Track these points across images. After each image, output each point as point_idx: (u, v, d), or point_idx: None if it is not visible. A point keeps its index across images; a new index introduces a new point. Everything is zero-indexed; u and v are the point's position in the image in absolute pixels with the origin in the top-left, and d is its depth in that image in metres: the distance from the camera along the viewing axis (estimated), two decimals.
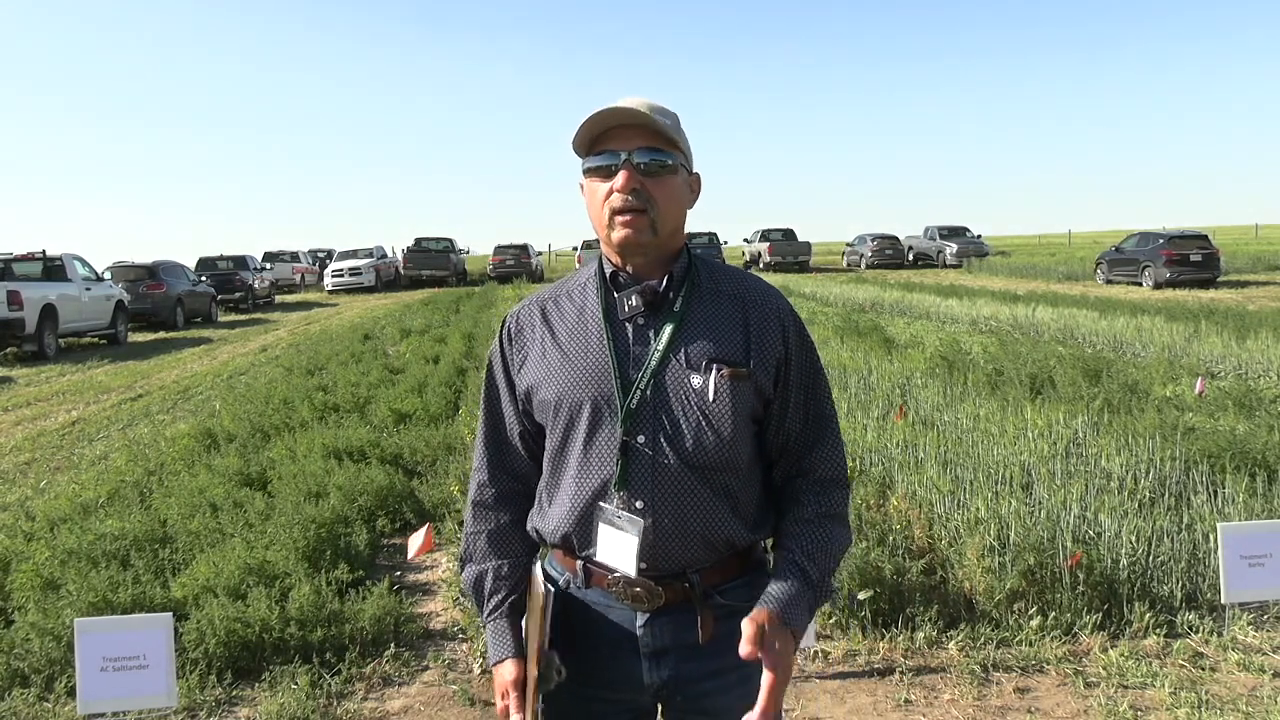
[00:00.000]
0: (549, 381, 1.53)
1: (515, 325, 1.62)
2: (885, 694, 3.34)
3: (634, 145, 1.47)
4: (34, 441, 8.20)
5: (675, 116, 1.53)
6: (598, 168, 1.49)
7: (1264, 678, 3.37)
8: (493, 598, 1.59)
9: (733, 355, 1.49)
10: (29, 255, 16.16)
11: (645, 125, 1.47)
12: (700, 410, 1.47)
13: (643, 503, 1.46)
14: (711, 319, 1.52)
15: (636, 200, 1.46)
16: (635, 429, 1.47)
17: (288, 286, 34.30)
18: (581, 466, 1.50)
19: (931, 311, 17.20)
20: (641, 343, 1.50)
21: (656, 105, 1.51)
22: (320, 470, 5.75)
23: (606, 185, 1.48)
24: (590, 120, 1.47)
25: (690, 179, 1.56)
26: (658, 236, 1.49)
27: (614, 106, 1.47)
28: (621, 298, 1.52)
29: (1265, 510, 4.52)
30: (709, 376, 1.47)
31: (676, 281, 1.53)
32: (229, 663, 3.55)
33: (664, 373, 1.48)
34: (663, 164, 1.48)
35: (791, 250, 35.42)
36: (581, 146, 1.51)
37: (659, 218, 1.48)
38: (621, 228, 1.47)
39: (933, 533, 4.35)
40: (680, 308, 1.51)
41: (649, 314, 1.51)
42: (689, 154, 1.55)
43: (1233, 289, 22.01)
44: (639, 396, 1.47)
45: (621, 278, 1.53)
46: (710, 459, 1.47)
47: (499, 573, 1.60)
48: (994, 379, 8.35)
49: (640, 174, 1.46)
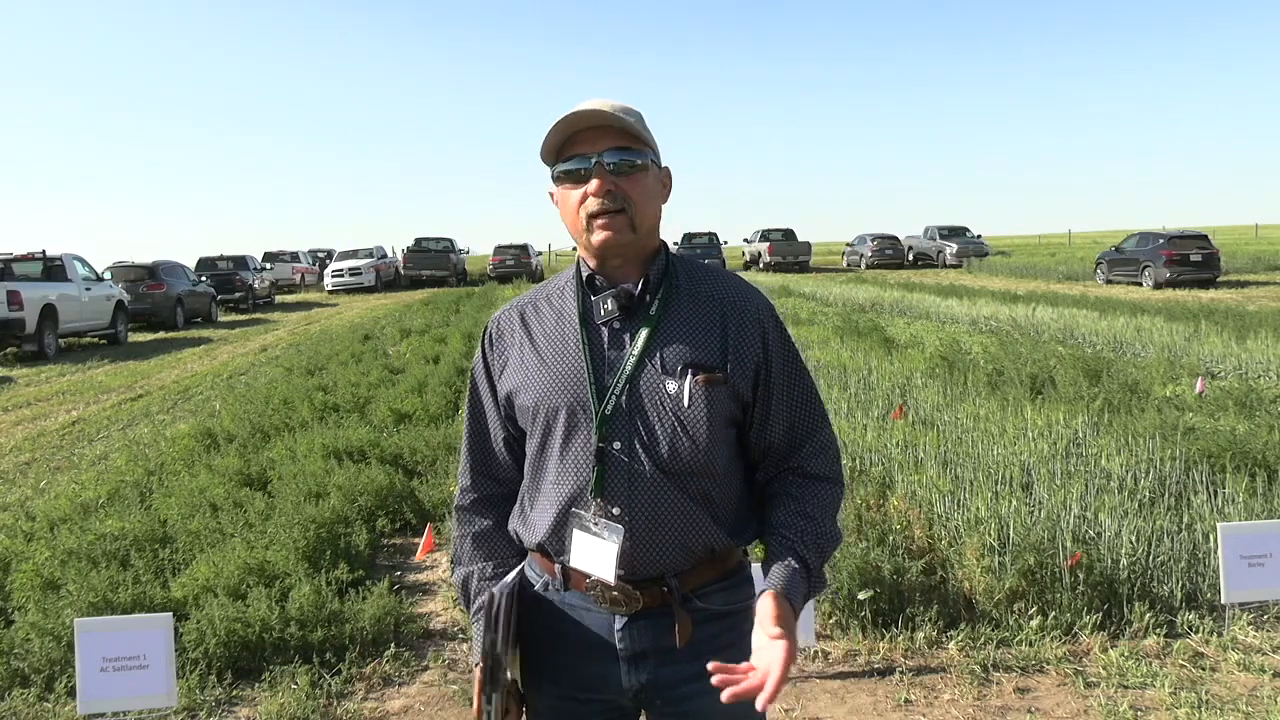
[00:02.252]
0: (527, 387, 1.53)
1: (496, 330, 1.62)
2: (885, 694, 3.34)
3: (603, 147, 1.46)
4: (34, 441, 8.20)
5: (639, 114, 1.52)
6: (568, 173, 1.48)
7: (1264, 678, 3.37)
8: (477, 598, 1.61)
9: (709, 360, 1.48)
10: (29, 255, 16.15)
11: (612, 126, 1.46)
12: (675, 416, 1.46)
13: (619, 509, 1.45)
14: (688, 322, 1.50)
15: (612, 202, 1.45)
16: (611, 435, 1.46)
17: (288, 286, 34.28)
18: (559, 473, 1.49)
19: (931, 311, 17.19)
20: (617, 347, 1.49)
21: (620, 104, 1.50)
22: (320, 470, 5.75)
23: (579, 190, 1.47)
24: (556, 127, 1.46)
25: (661, 174, 1.56)
26: (637, 234, 1.48)
27: (578, 110, 1.46)
28: (598, 301, 1.51)
29: (1265, 510, 4.52)
30: (684, 382, 1.46)
31: (653, 284, 1.52)
32: (229, 663, 3.55)
33: (639, 378, 1.47)
34: (633, 163, 1.47)
35: (791, 250, 35.42)
36: (550, 154, 1.50)
37: (637, 215, 1.47)
38: (600, 230, 1.46)
39: (932, 533, 4.35)
40: (656, 311, 1.50)
41: (625, 318, 1.50)
42: (657, 149, 1.55)
43: (1233, 289, 22.00)
44: (614, 402, 1.46)
45: (598, 281, 1.53)
46: (686, 465, 1.46)
47: (483, 574, 1.61)
48: (994, 379, 8.35)
49: (612, 174, 1.46)
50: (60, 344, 15.64)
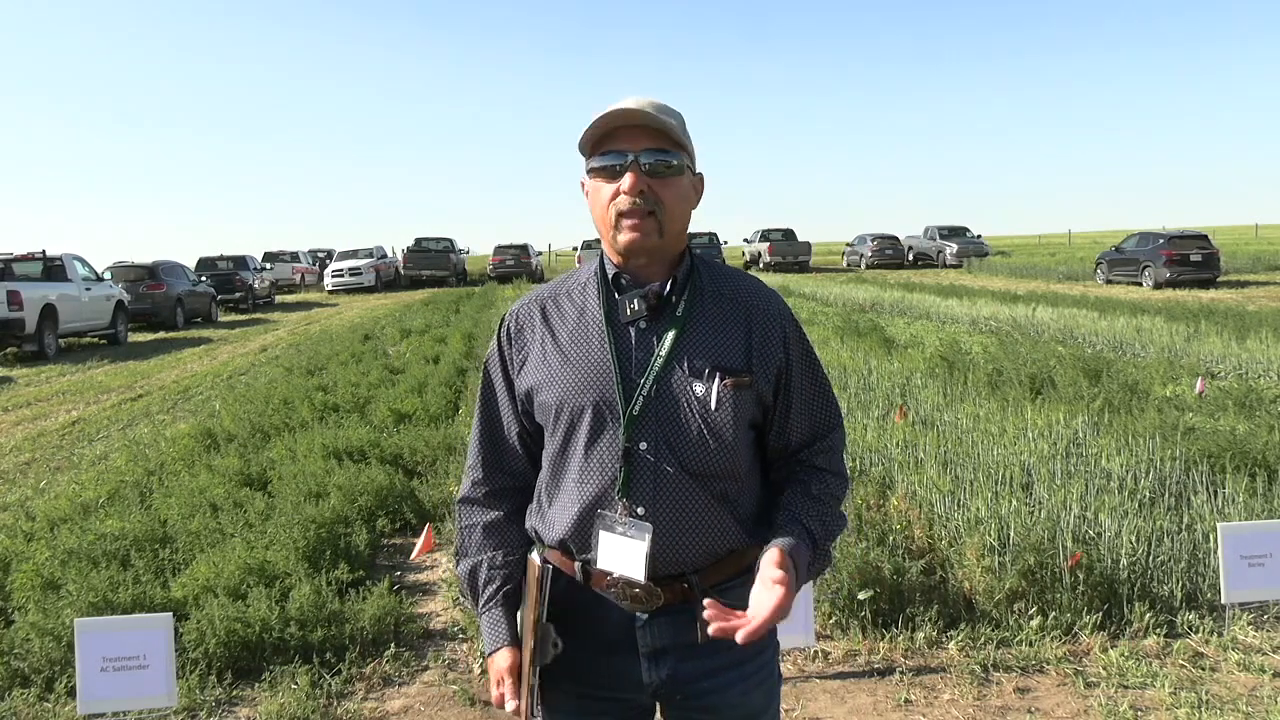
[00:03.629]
0: (550, 384, 1.52)
1: (515, 324, 1.61)
2: (885, 694, 3.34)
3: (641, 146, 1.46)
4: (34, 441, 8.20)
5: (681, 117, 1.52)
6: (603, 168, 1.48)
7: (1264, 678, 3.37)
8: (487, 588, 1.59)
9: (735, 363, 1.49)
10: (29, 255, 16.15)
11: (652, 126, 1.46)
12: (702, 418, 1.46)
13: (644, 510, 1.45)
14: (714, 325, 1.51)
15: (644, 203, 1.45)
16: (638, 435, 1.46)
17: (288, 286, 34.29)
18: (583, 472, 1.49)
19: (931, 311, 17.19)
20: (644, 348, 1.49)
21: (663, 105, 1.50)
22: (320, 470, 5.75)
23: (612, 186, 1.47)
24: (598, 121, 1.46)
25: (694, 180, 1.56)
26: (664, 239, 1.48)
27: (622, 108, 1.46)
28: (624, 300, 1.50)
29: (1265, 510, 4.52)
30: (712, 384, 1.46)
31: (679, 285, 1.52)
32: (229, 663, 3.55)
33: (667, 379, 1.47)
34: (669, 165, 1.47)
35: (791, 250, 35.42)
36: (587, 146, 1.50)
37: (665, 220, 1.47)
38: (628, 230, 1.46)
39: (932, 533, 4.35)
40: (683, 312, 1.50)
41: (651, 318, 1.50)
42: (693, 154, 1.54)
43: (1233, 289, 22.01)
44: (642, 403, 1.46)
45: (623, 280, 1.52)
46: (711, 466, 1.47)
47: (493, 563, 1.60)
48: (994, 379, 8.35)
49: (647, 175, 1.46)
50: (60, 344, 15.64)
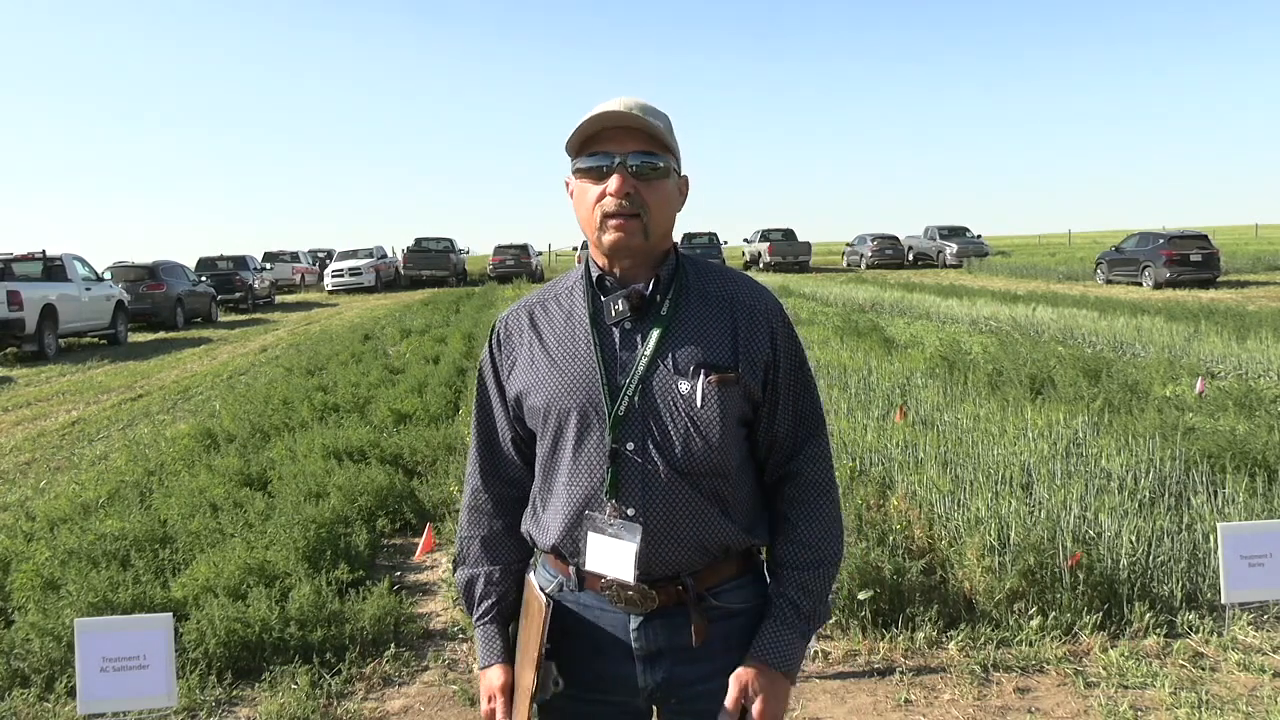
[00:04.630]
0: (537, 388, 1.52)
1: (504, 330, 1.61)
2: (885, 694, 3.34)
3: (628, 148, 1.46)
4: (34, 441, 8.20)
5: (667, 118, 1.52)
6: (590, 169, 1.48)
7: (1264, 678, 3.37)
8: (483, 602, 1.61)
9: (721, 360, 1.48)
10: (29, 255, 16.16)
11: (640, 128, 1.46)
12: (688, 416, 1.46)
13: (634, 510, 1.45)
14: (699, 323, 1.51)
15: (630, 205, 1.45)
16: (624, 436, 1.46)
17: (288, 286, 34.28)
18: (571, 475, 1.49)
19: (931, 311, 17.19)
20: (628, 348, 1.49)
21: (649, 107, 1.50)
22: (320, 470, 5.75)
23: (598, 187, 1.47)
24: (585, 122, 1.46)
25: (680, 181, 1.56)
26: (649, 241, 1.48)
27: (609, 110, 1.46)
28: (608, 302, 1.51)
29: (1265, 510, 4.52)
30: (697, 382, 1.46)
31: (663, 284, 1.52)
32: (229, 663, 3.55)
33: (651, 379, 1.47)
34: (655, 167, 1.47)
35: (791, 250, 35.41)
36: (574, 147, 1.50)
37: (651, 221, 1.47)
38: (613, 231, 1.46)
39: (933, 533, 4.35)
40: (667, 311, 1.50)
41: (636, 318, 1.50)
42: (679, 156, 1.55)
43: (1233, 289, 22.00)
44: (627, 403, 1.46)
45: (608, 281, 1.52)
46: (700, 465, 1.47)
47: (490, 578, 1.62)
48: (994, 379, 8.35)
49: (634, 177, 1.46)
50: (60, 344, 15.64)
